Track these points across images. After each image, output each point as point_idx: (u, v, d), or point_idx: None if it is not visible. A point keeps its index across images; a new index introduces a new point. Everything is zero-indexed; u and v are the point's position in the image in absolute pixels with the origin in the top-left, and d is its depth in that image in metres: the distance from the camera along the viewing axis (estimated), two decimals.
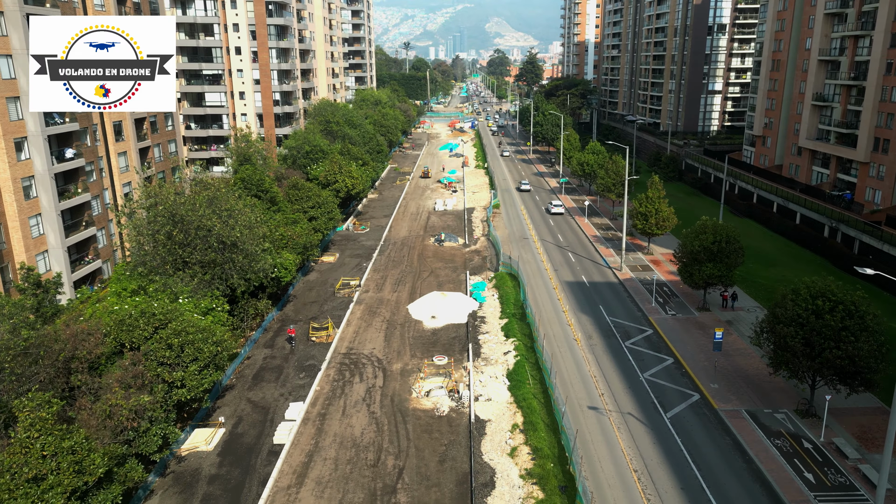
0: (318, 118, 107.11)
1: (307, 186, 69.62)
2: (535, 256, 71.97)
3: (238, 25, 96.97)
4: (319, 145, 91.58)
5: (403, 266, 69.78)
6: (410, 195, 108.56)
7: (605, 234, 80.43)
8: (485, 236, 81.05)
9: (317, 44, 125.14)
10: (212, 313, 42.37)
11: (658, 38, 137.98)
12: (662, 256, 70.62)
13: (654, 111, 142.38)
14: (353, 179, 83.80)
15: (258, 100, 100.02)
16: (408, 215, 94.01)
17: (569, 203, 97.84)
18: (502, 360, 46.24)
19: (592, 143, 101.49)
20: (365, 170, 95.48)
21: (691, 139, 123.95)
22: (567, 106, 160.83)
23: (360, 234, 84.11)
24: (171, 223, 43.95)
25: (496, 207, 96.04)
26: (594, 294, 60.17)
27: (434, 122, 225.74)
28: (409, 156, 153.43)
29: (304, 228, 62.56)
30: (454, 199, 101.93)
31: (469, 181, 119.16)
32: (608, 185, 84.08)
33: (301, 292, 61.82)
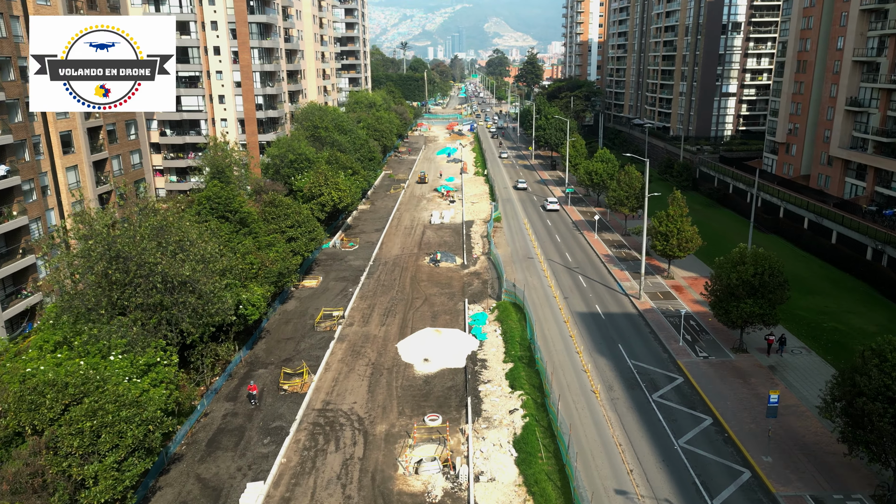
0: (305, 123, 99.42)
1: (285, 203, 61.93)
2: (542, 280, 64.30)
3: (217, 23, 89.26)
4: (305, 153, 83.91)
5: (394, 292, 62.10)
6: (405, 206, 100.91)
7: (618, 252, 72.77)
8: (485, 255, 73.41)
9: (305, 43, 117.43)
10: (155, 369, 34.71)
11: (668, 38, 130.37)
12: (685, 281, 62.96)
13: (664, 115, 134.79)
14: (341, 192, 76.11)
15: (239, 104, 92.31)
16: (401, 230, 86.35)
17: (576, 216, 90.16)
18: (507, 420, 38.56)
19: (601, 150, 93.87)
20: (355, 180, 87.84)
21: (704, 145, 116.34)
22: (570, 109, 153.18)
23: (349, 251, 76.42)
24: (106, 258, 36.22)
25: (497, 220, 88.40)
26: (611, 329, 52.49)
27: (432, 125, 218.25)
28: (405, 161, 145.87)
29: (280, 252, 54.88)
30: (452, 211, 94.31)
31: (468, 189, 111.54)
32: (620, 198, 76.45)
33: (276, 326, 54.10)
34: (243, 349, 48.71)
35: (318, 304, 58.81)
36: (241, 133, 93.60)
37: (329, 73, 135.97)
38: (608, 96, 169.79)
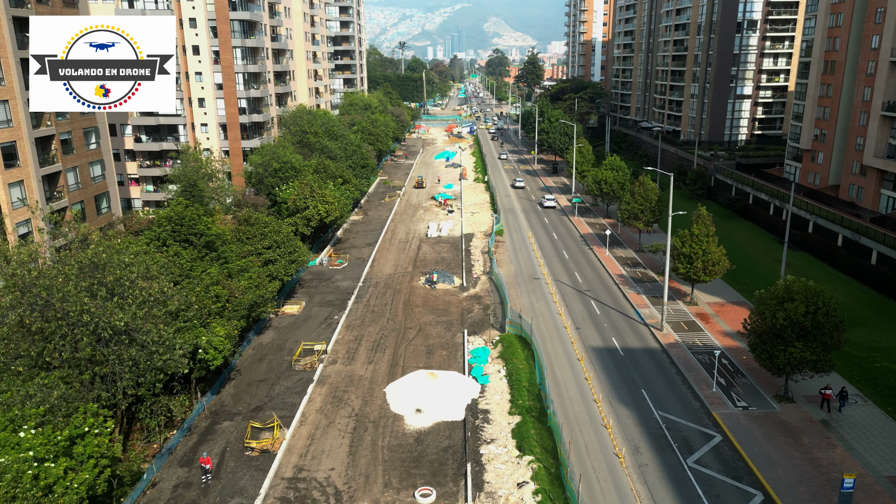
0: (293, 128, 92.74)
1: (262, 221, 55.21)
2: (550, 306, 57.60)
3: (196, 20, 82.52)
4: (290, 162, 77.21)
5: (384, 320, 55.39)
6: (400, 216, 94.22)
7: (633, 272, 66.07)
8: (486, 275, 66.73)
9: (295, 42, 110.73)
10: (82, 442, 28.02)
11: (678, 37, 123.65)
12: (710, 308, 56.24)
13: (674, 118, 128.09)
14: (328, 205, 69.38)
15: (221, 107, 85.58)
16: (395, 244, 79.65)
17: (584, 228, 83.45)
18: (515, 497, 31.84)
19: (610, 157, 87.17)
20: (345, 190, 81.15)
21: (718, 150, 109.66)
22: (575, 111, 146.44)
23: (337, 269, 69.70)
24: (23, 303, 29.51)
25: (499, 234, 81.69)
26: (632, 369, 45.77)
27: (430, 127, 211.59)
28: (402, 166, 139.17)
29: (254, 279, 48.16)
30: (450, 222, 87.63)
31: (467, 198, 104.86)
32: (634, 211, 69.76)
33: (248, 364, 47.38)
34: (208, 394, 42.02)
35: (299, 336, 52.09)
36: (223, 139, 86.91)
37: (321, 73, 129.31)
38: (613, 98, 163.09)
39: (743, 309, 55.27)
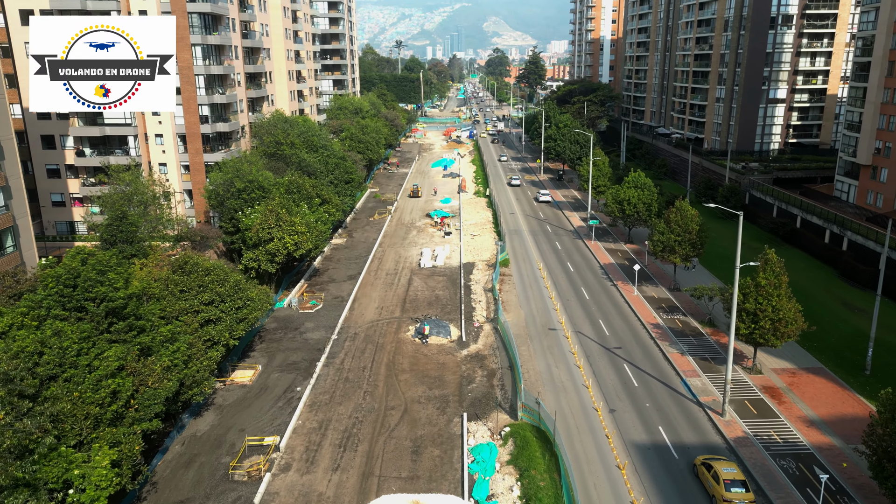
0: (266, 138, 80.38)
1: (203, 268, 42.77)
2: (573, 374, 45.25)
3: (147, 13, 70.18)
4: (257, 180, 64.93)
5: (360, 394, 43.06)
6: (390, 238, 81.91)
7: (670, 320, 53.75)
8: (490, 323, 54.43)
9: (273, 40, 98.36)
10: None
11: (702, 34, 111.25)
12: (780, 378, 43.85)
13: (696, 124, 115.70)
14: (298, 236, 57.00)
15: (179, 115, 73.19)
16: (382, 276, 67.32)
17: (604, 256, 71.06)
18: None
19: (633, 172, 74.84)
20: (324, 212, 68.80)
21: (750, 161, 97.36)
22: (584, 115, 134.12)
23: (309, 314, 57.42)
24: None
25: (504, 265, 69.36)
26: (693, 485, 33.37)
27: (428, 130, 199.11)
28: (395, 176, 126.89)
29: (182, 353, 35.80)
30: (447, 249, 75.31)
31: (467, 215, 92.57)
32: (669, 243, 57.43)
33: (170, 473, 34.92)
34: None
35: (246, 420, 39.76)
36: (182, 152, 74.53)
37: (306, 75, 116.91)
38: (625, 101, 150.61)
39: (822, 380, 43.02)
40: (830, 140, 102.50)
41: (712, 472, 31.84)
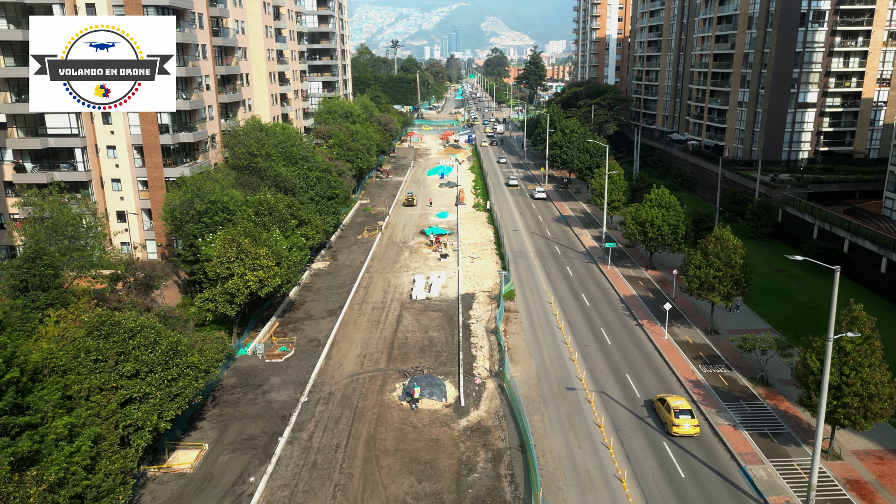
0: (238, 149, 70.88)
1: (125, 329, 33.19)
2: (603, 460, 35.75)
3: (94, 6, 60.69)
4: (220, 200, 55.54)
5: (329, 491, 33.54)
6: (379, 261, 72.50)
7: (713, 375, 44.31)
8: (494, 379, 44.99)
9: (250, 38, 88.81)
10: None
11: (723, 31, 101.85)
12: (868, 468, 34.35)
13: (715, 130, 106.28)
14: (263, 271, 47.45)
15: (135, 123, 63.67)
16: (367, 313, 57.88)
17: (624, 287, 61.60)
18: None
19: (657, 189, 65.43)
20: (299, 237, 59.36)
21: (778, 171, 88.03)
22: (591, 119, 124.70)
23: (277, 364, 47.97)
24: None
25: (509, 297, 59.94)
26: None
27: (424, 134, 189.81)
28: (388, 185, 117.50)
29: (83, 454, 26.30)
30: (442, 275, 65.90)
31: (466, 232, 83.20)
32: (708, 280, 47.97)
33: None
34: None
35: None
36: (139, 165, 65.01)
37: (290, 76, 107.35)
38: (634, 104, 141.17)
39: None
40: (865, 148, 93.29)
41: (665, 405, 38.35)
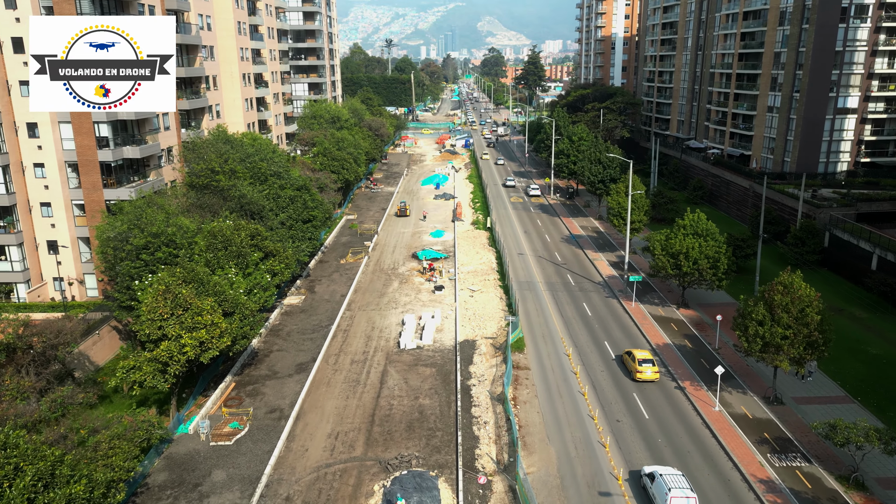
0: (196, 165, 60.25)
1: None
2: None
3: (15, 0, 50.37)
4: (165, 232, 45.09)
5: None
6: (363, 295, 62.11)
7: (787, 470, 34.01)
8: (504, 476, 34.52)
9: (218, 36, 78.14)
10: None
11: (749, 28, 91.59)
12: None
13: (740, 137, 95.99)
14: (206, 331, 36.85)
15: (68, 136, 53.11)
16: (344, 368, 47.40)
17: (655, 334, 51.18)
18: None
19: (691, 214, 55.06)
20: (266, 271, 48.85)
21: (817, 185, 77.80)
22: (600, 126, 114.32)
23: (225, 447, 37.46)
24: None
25: (518, 347, 49.45)
26: None
27: (419, 138, 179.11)
28: (378, 197, 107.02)
29: None
30: (437, 316, 55.46)
31: (464, 256, 72.84)
32: (774, 340, 37.58)
33: None
34: None
35: None
36: (74, 186, 54.43)
37: (269, 78, 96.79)
38: (645, 107, 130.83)
39: None
40: None
41: (630, 356, 44.20)
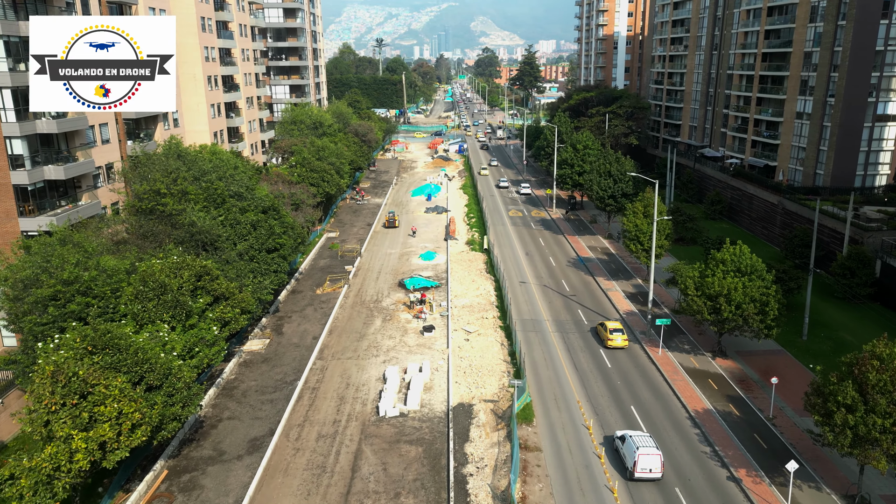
0: (139, 187, 50.52)
1: None
2: None
3: None
4: (80, 277, 35.60)
5: None
6: (339, 337, 52.58)
7: None
8: None
9: (175, 32, 68.62)
10: None
11: (775, 25, 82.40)
12: None
13: (764, 146, 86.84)
14: (110, 426, 27.24)
15: None
16: (308, 447, 37.87)
17: (693, 398, 41.91)
18: None
19: (732, 247, 45.73)
20: (214, 321, 39.30)
21: (858, 202, 68.69)
22: (606, 132, 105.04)
23: None
24: None
25: (526, 418, 39.97)
26: None
27: (410, 142, 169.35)
28: (365, 210, 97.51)
29: None
30: (425, 367, 45.94)
31: (458, 286, 63.43)
32: (872, 435, 28.22)
33: None
34: None
35: None
36: None
37: (241, 81, 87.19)
38: (653, 111, 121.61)
39: None
40: None
41: (603, 326, 49.62)
